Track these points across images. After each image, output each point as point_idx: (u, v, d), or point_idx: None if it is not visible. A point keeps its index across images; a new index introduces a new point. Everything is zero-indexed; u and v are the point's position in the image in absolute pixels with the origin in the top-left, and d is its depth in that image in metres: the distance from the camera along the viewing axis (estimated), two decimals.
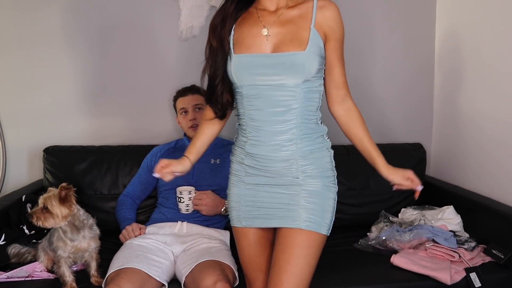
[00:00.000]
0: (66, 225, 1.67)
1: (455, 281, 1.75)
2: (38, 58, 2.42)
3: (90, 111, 2.48)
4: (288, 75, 1.29)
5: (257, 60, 1.31)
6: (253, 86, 1.32)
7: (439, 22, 2.60)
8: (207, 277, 1.59)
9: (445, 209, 2.14)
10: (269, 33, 1.32)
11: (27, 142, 2.46)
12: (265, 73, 1.30)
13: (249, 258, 1.45)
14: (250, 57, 1.32)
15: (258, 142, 1.34)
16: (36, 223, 1.63)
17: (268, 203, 1.38)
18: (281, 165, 1.34)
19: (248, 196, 1.41)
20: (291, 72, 1.29)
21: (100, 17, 2.43)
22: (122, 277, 1.60)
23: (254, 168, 1.38)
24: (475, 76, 2.26)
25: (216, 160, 2.14)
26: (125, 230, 1.97)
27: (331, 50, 1.34)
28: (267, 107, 1.31)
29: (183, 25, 2.46)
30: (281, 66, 1.29)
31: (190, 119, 2.14)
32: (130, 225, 1.98)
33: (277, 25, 1.33)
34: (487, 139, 2.19)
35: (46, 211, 1.62)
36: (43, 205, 1.63)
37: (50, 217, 1.62)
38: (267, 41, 1.32)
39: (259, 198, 1.39)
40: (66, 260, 1.68)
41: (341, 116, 1.39)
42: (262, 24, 1.34)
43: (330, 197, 1.37)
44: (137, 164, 2.29)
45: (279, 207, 1.37)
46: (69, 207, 1.65)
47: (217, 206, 2.00)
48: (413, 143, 2.54)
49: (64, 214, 1.64)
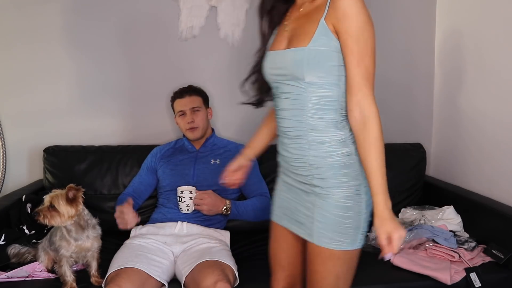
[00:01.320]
0: (72, 224, 1.68)
1: (455, 281, 1.75)
2: (38, 58, 2.42)
3: (90, 111, 2.49)
4: (293, 72, 1.20)
5: (273, 57, 1.28)
6: (273, 84, 1.30)
7: (439, 22, 2.60)
8: (207, 277, 1.58)
9: (445, 209, 2.14)
10: (287, 29, 1.29)
11: (27, 142, 2.46)
12: (278, 71, 1.26)
13: (273, 251, 1.45)
14: (270, 54, 1.30)
15: (279, 140, 1.32)
16: (42, 221, 1.63)
17: (293, 207, 1.33)
18: (297, 169, 1.27)
19: (282, 192, 1.39)
20: (295, 69, 1.20)
21: (100, 17, 2.43)
22: (122, 277, 1.60)
23: (283, 166, 1.36)
24: (475, 76, 2.26)
25: (216, 160, 2.14)
26: (117, 212, 1.89)
27: (342, 45, 1.15)
28: (283, 106, 1.26)
29: (183, 25, 2.46)
30: (286, 63, 1.22)
31: (188, 122, 2.14)
32: (121, 205, 1.90)
33: (295, 20, 1.27)
34: (487, 139, 2.19)
35: (52, 210, 1.63)
36: (49, 204, 1.63)
37: (57, 216, 1.63)
38: (284, 37, 1.27)
39: (287, 197, 1.36)
40: (68, 259, 1.68)
41: (352, 128, 1.18)
42: (286, 19, 1.32)
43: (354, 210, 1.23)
44: (137, 164, 2.29)
45: (300, 214, 1.30)
46: (76, 207, 1.66)
47: (218, 206, 2.00)
48: (413, 143, 2.54)
49: (71, 213, 1.65)
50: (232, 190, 2.13)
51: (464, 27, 2.37)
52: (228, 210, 2.02)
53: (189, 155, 2.17)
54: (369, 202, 1.22)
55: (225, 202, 2.02)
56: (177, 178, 2.08)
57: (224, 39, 2.50)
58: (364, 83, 1.14)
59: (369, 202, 1.22)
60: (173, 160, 2.16)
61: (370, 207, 1.21)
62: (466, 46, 2.33)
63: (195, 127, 2.14)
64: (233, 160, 1.55)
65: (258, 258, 1.97)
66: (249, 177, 2.16)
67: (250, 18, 2.50)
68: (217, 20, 2.48)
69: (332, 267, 1.26)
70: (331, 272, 1.26)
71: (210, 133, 2.23)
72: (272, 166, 2.33)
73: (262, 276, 1.80)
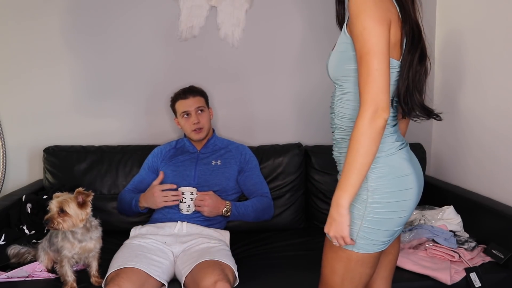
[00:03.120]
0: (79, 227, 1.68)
1: (455, 281, 1.75)
2: (38, 58, 2.42)
3: (90, 111, 2.49)
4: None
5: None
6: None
7: (439, 22, 2.60)
8: (207, 277, 1.58)
9: (445, 209, 2.14)
10: None
11: (27, 142, 2.46)
12: None
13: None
14: None
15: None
16: (56, 227, 1.61)
17: None
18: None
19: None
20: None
21: (100, 17, 2.43)
22: (122, 277, 1.60)
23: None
24: (475, 76, 2.26)
25: (217, 161, 2.14)
26: (155, 192, 1.98)
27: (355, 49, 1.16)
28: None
29: (183, 25, 2.47)
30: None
31: (194, 123, 2.13)
32: (151, 187, 2.04)
33: None
34: (487, 139, 2.19)
35: (63, 214, 1.61)
36: (59, 209, 1.62)
37: (69, 219, 1.62)
38: None
39: None
40: (69, 260, 1.68)
41: None
42: None
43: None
44: (137, 164, 2.29)
45: None
46: (86, 211, 1.66)
47: (219, 208, 2.00)
48: (413, 143, 2.53)
49: (82, 217, 1.64)
50: (232, 190, 2.13)
51: (464, 27, 2.37)
52: (228, 212, 2.01)
53: (190, 156, 2.17)
54: (370, 210, 1.21)
55: (225, 204, 2.01)
56: (179, 179, 2.08)
57: (224, 39, 2.50)
58: (362, 93, 1.14)
59: (369, 210, 1.21)
60: (175, 161, 2.16)
61: (370, 215, 1.21)
62: (466, 46, 2.33)
63: (201, 127, 2.14)
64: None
65: (258, 258, 1.97)
66: (250, 177, 2.17)
67: (250, 18, 2.50)
68: (217, 20, 2.48)
69: (331, 258, 1.28)
70: (328, 261, 1.29)
71: (211, 134, 2.23)
72: (273, 166, 2.35)
73: (262, 276, 1.81)
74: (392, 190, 1.21)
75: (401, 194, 1.22)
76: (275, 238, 2.19)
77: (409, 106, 1.25)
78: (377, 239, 1.23)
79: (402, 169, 1.23)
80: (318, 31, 2.54)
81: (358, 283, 1.27)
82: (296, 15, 2.54)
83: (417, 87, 1.25)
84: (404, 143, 1.29)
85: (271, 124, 2.59)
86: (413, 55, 1.22)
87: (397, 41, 1.20)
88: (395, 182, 1.22)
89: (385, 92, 1.12)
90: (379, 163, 1.20)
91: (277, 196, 2.31)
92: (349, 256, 1.24)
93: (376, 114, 1.11)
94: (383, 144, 1.21)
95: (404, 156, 1.25)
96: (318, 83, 2.55)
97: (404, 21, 1.21)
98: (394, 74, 1.22)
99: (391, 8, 1.19)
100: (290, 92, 2.59)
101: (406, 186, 1.23)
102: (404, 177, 1.23)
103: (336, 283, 1.28)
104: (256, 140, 2.53)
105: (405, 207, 1.24)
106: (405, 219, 1.26)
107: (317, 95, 2.56)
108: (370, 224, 1.21)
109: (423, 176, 1.33)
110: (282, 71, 2.57)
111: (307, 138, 2.57)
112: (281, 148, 2.41)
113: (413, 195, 1.25)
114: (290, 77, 2.58)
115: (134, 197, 2.07)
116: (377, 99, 1.11)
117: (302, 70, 2.57)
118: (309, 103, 2.59)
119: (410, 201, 1.25)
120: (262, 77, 2.56)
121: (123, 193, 2.15)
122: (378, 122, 1.11)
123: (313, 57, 2.55)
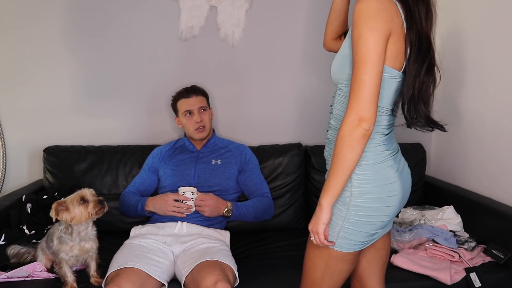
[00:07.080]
0: (80, 224, 1.69)
1: (455, 281, 1.75)
2: (38, 58, 2.42)
3: (90, 111, 2.49)
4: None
5: None
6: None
7: (439, 22, 2.59)
8: (207, 277, 1.58)
9: (445, 209, 2.14)
10: None
11: (27, 142, 2.46)
12: None
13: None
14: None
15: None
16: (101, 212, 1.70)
17: None
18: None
19: None
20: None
21: (100, 17, 2.43)
22: (122, 277, 1.59)
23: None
24: (475, 76, 2.26)
25: (217, 160, 2.14)
26: (168, 201, 1.97)
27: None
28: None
29: (183, 25, 2.47)
30: None
31: (196, 122, 2.13)
32: (165, 195, 2.01)
33: None
34: (487, 139, 2.19)
35: (82, 203, 1.67)
36: (80, 198, 1.67)
37: (84, 210, 1.67)
38: None
39: None
40: (67, 261, 1.68)
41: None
42: None
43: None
44: (137, 164, 2.29)
45: None
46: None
47: (220, 208, 2.00)
48: (413, 143, 2.54)
49: (92, 216, 1.70)
50: (233, 190, 2.13)
51: (464, 27, 2.37)
52: (229, 212, 2.01)
53: (190, 155, 2.17)
54: (352, 212, 1.23)
55: (226, 204, 2.01)
56: (178, 178, 2.08)
57: (224, 39, 2.50)
58: (350, 98, 1.15)
59: (351, 212, 1.23)
60: (174, 160, 2.16)
61: (352, 217, 1.23)
62: (466, 47, 2.33)
63: (203, 126, 2.14)
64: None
65: (258, 258, 1.97)
66: (251, 177, 2.17)
67: (250, 18, 2.50)
68: (217, 20, 2.48)
69: (313, 254, 1.32)
70: (310, 257, 1.33)
71: (212, 134, 2.23)
72: (273, 166, 2.35)
73: (262, 276, 1.80)
74: (375, 196, 1.24)
75: (384, 200, 1.25)
76: (275, 238, 2.19)
77: (412, 115, 1.26)
78: (357, 240, 1.27)
79: (388, 177, 1.25)
80: (319, 31, 2.52)
81: (338, 278, 1.32)
82: (296, 15, 2.53)
83: (422, 97, 1.25)
84: (394, 151, 1.30)
85: (271, 124, 2.59)
86: (421, 65, 1.21)
87: (399, 50, 1.19)
88: (379, 189, 1.24)
89: (369, 102, 1.11)
90: (365, 170, 1.23)
91: (277, 196, 2.31)
92: (329, 253, 1.28)
93: (356, 123, 1.12)
94: (372, 153, 1.23)
95: (391, 164, 1.27)
96: (318, 83, 2.56)
97: (409, 29, 1.19)
98: (393, 84, 1.22)
99: (395, 18, 1.17)
100: (290, 92, 2.59)
101: (390, 193, 1.25)
102: (389, 184, 1.25)
103: (317, 278, 1.32)
104: (256, 140, 2.53)
105: (387, 212, 1.27)
106: (386, 223, 1.30)
107: (317, 95, 2.56)
108: (351, 226, 1.24)
109: (410, 182, 1.35)
110: (282, 71, 2.57)
111: (307, 138, 2.57)
112: (281, 148, 2.41)
113: (396, 201, 1.27)
114: (290, 77, 2.58)
115: (140, 200, 2.06)
116: (359, 109, 1.12)
117: (302, 70, 2.57)
118: (309, 103, 2.59)
119: (393, 207, 1.27)
120: (262, 77, 2.56)
121: (126, 195, 2.14)
122: (357, 131, 1.12)
123: (313, 57, 2.55)
